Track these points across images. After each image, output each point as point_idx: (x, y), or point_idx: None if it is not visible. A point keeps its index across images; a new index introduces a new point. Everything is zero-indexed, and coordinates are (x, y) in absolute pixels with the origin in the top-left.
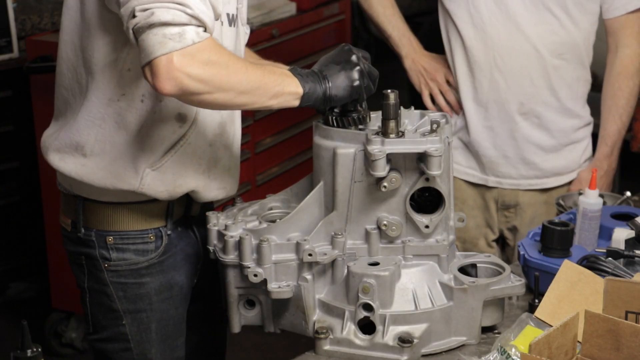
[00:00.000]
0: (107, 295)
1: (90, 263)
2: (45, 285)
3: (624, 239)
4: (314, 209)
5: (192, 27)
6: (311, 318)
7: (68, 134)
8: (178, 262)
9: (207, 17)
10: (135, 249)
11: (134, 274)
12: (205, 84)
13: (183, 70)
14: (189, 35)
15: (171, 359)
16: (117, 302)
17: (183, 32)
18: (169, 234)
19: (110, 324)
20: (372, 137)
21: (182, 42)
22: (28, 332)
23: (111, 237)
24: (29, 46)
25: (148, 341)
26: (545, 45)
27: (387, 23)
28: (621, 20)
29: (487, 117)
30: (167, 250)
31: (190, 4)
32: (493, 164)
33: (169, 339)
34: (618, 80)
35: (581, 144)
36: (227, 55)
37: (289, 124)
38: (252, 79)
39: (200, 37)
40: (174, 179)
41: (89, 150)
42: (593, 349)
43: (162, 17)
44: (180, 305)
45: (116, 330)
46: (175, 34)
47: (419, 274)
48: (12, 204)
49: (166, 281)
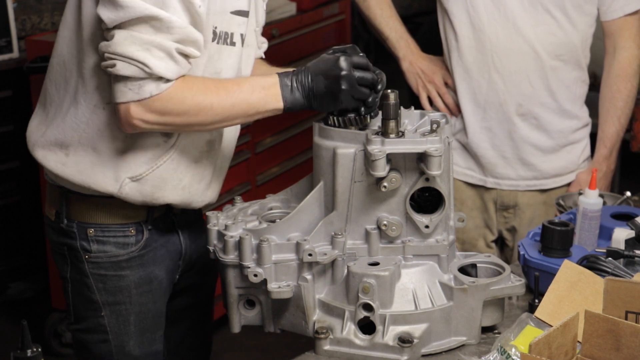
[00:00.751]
0: (87, 287)
1: (72, 254)
2: (45, 285)
3: (624, 239)
4: (314, 209)
5: (151, 80)
6: (311, 318)
7: (54, 132)
8: (158, 257)
9: (169, 71)
10: (115, 242)
11: (114, 266)
12: (163, 126)
13: (140, 118)
14: (147, 88)
15: (149, 352)
16: (96, 294)
17: (142, 85)
18: (150, 228)
19: (89, 315)
20: (372, 137)
21: (140, 94)
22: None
23: (92, 230)
24: (29, 46)
25: (126, 333)
26: (543, 47)
27: (384, 25)
28: (619, 23)
29: (486, 118)
30: (147, 245)
31: (149, 62)
32: (491, 165)
33: (147, 332)
34: (616, 83)
35: (579, 145)
36: (189, 99)
37: (289, 124)
38: (219, 112)
39: (159, 89)
40: (153, 191)
41: (72, 151)
42: (593, 349)
43: (122, 72)
44: (159, 299)
45: (95, 321)
46: (135, 85)
47: (419, 274)
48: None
49: (146, 275)
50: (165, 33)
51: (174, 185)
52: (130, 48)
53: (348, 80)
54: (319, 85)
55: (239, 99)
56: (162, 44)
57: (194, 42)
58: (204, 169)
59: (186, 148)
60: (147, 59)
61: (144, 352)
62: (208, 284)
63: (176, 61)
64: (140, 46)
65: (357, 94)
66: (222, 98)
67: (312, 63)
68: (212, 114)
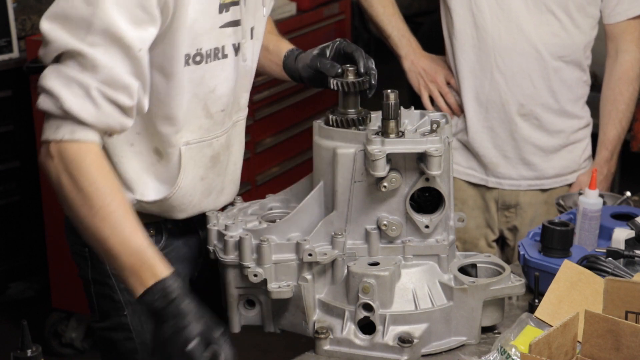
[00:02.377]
0: (109, 287)
1: (93, 255)
2: (45, 285)
3: (624, 239)
4: (314, 209)
5: (68, 122)
6: (311, 318)
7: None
8: (181, 256)
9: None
10: None
11: None
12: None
13: (45, 163)
14: (62, 131)
15: None
16: (118, 294)
17: (59, 125)
18: (170, 227)
19: (113, 314)
20: (372, 137)
21: (54, 134)
22: (28, 332)
23: None
24: (29, 46)
25: (149, 331)
26: (546, 48)
27: (386, 23)
28: (622, 26)
29: (488, 118)
30: (168, 245)
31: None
32: (493, 165)
33: None
34: (618, 85)
35: (581, 144)
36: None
37: (289, 124)
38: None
39: (72, 136)
40: (161, 212)
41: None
42: (593, 349)
43: (41, 105)
44: None
45: (118, 320)
46: (53, 124)
47: (419, 274)
48: (12, 204)
49: None
50: (90, 72)
51: (183, 208)
52: (52, 82)
53: None
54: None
55: (117, 236)
56: (82, 82)
57: (125, 89)
58: (212, 182)
59: (191, 171)
60: (62, 92)
61: None
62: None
63: (95, 104)
64: (61, 80)
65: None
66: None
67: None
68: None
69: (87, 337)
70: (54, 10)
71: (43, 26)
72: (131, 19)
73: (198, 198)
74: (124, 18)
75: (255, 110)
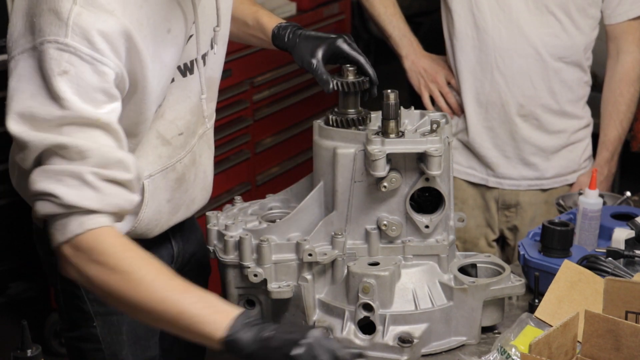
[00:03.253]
0: (78, 297)
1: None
2: (45, 285)
3: (624, 239)
4: (314, 209)
5: (75, 217)
6: (311, 318)
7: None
8: None
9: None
10: None
11: None
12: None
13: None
14: (70, 228)
15: (143, 358)
16: (88, 304)
17: (65, 224)
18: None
19: (82, 324)
20: (372, 137)
21: (64, 234)
22: (28, 332)
23: None
24: None
25: (119, 343)
26: (546, 49)
27: (387, 23)
28: (623, 27)
29: (488, 118)
30: None
31: (59, 194)
32: (493, 165)
33: (141, 340)
34: (619, 86)
35: (581, 144)
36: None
37: (289, 124)
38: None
39: (82, 228)
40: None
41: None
42: (593, 349)
43: (41, 211)
44: None
45: (87, 330)
46: (60, 225)
47: (419, 274)
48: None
49: None
50: (78, 160)
51: (153, 227)
52: (43, 183)
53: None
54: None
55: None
56: (74, 172)
57: (119, 164)
58: (179, 200)
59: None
60: (56, 189)
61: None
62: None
63: (94, 188)
64: (52, 179)
65: None
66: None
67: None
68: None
69: None
70: (17, 110)
71: (13, 129)
72: (96, 103)
73: (166, 218)
74: (89, 105)
75: (255, 110)
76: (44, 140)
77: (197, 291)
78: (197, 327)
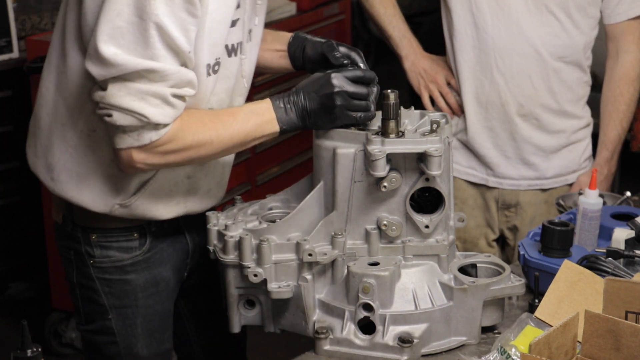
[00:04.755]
0: (93, 290)
1: (77, 258)
2: (45, 285)
3: (624, 239)
4: (314, 209)
5: (149, 128)
6: (311, 318)
7: (42, 151)
8: (165, 258)
9: (167, 117)
10: (118, 247)
11: (119, 270)
12: (167, 165)
13: (143, 163)
14: (147, 136)
15: (157, 352)
16: (103, 297)
17: (140, 133)
18: (154, 230)
19: (97, 317)
20: (372, 137)
21: (139, 140)
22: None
23: (95, 235)
24: (29, 46)
25: (134, 335)
26: (546, 48)
27: (387, 23)
28: (622, 26)
29: (488, 118)
30: (152, 247)
31: (145, 112)
32: (493, 165)
33: (156, 332)
34: (619, 86)
35: (581, 144)
36: (190, 137)
37: None
38: (219, 145)
39: (158, 135)
40: (145, 213)
41: (56, 175)
42: (593, 349)
43: (119, 122)
44: (166, 300)
45: (102, 324)
46: (133, 133)
47: (419, 274)
48: (12, 204)
49: (152, 277)
50: (160, 82)
51: (167, 204)
52: (126, 99)
53: (342, 95)
54: (312, 104)
55: (236, 130)
56: (158, 92)
57: (189, 82)
58: (198, 182)
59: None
60: (143, 109)
61: (152, 352)
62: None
63: (173, 106)
64: (135, 96)
65: (352, 107)
66: (220, 132)
67: (304, 82)
68: (212, 148)
69: None
70: (107, 31)
71: (104, 51)
72: (179, 25)
73: (182, 195)
74: (174, 26)
75: None
76: (134, 64)
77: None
78: (261, 135)
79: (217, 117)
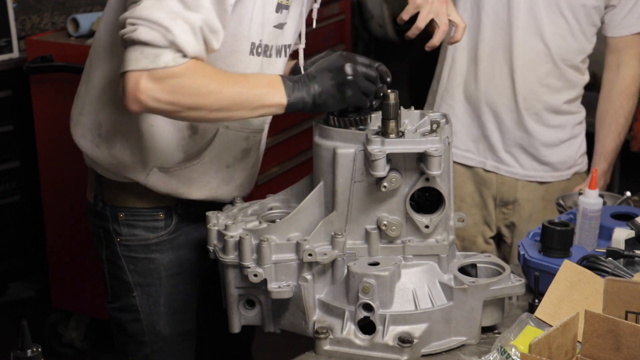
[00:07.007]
0: (119, 268)
1: (106, 236)
2: (45, 285)
3: (624, 239)
4: (314, 209)
5: (169, 51)
6: (311, 318)
7: (91, 109)
8: (190, 241)
9: (189, 47)
10: (145, 226)
11: (144, 249)
12: (171, 106)
13: (148, 93)
14: (164, 58)
15: (179, 331)
16: (128, 275)
17: (159, 54)
18: (180, 212)
19: (122, 295)
20: (372, 137)
21: (155, 62)
22: (28, 332)
23: (122, 214)
24: (29, 46)
25: (157, 313)
26: (554, 47)
27: None
28: (626, 40)
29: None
30: (177, 228)
31: (173, 30)
32: (494, 149)
33: (178, 312)
34: (620, 99)
35: (577, 140)
36: (201, 80)
37: (289, 124)
38: (227, 97)
39: (175, 62)
40: (178, 186)
41: (104, 131)
42: (593, 349)
43: (143, 36)
44: (189, 281)
45: (127, 301)
46: (151, 54)
47: (419, 274)
48: (12, 204)
49: (176, 258)
50: (193, 10)
51: (201, 186)
52: (157, 13)
53: (353, 72)
54: (324, 82)
55: (244, 89)
56: (189, 18)
57: (215, 33)
58: (234, 173)
59: (220, 154)
60: (171, 26)
61: (174, 331)
62: None
63: (197, 39)
64: (167, 14)
65: (364, 88)
66: (229, 85)
67: (315, 64)
68: (219, 99)
69: (87, 337)
70: None
71: None
72: None
73: (217, 183)
74: None
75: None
76: None
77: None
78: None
79: (229, 74)
